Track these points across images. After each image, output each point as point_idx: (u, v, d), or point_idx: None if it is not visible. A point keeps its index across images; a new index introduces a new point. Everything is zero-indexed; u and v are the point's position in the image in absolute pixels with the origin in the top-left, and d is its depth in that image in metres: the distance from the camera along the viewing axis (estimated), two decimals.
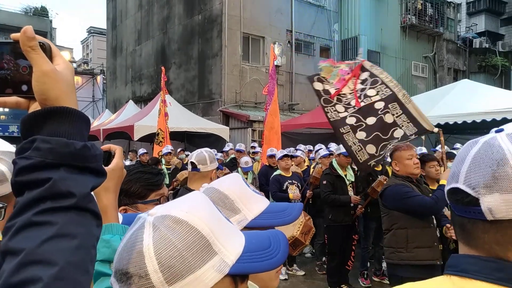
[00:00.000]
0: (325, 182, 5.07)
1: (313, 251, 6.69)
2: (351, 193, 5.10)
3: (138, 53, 20.63)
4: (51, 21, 29.33)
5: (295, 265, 5.99)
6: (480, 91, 9.45)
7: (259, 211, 1.00)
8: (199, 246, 0.62)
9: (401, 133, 3.50)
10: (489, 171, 0.68)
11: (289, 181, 5.42)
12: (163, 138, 8.77)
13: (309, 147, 8.74)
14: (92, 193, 0.62)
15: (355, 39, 18.18)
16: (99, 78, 26.80)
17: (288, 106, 16.11)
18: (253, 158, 8.33)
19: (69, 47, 37.71)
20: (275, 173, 5.52)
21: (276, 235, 0.74)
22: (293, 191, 5.36)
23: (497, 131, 0.72)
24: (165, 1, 18.02)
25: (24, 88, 0.64)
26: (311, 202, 5.94)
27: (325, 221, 5.25)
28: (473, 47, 23.90)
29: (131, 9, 21.26)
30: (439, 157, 5.59)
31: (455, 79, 20.45)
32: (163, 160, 7.78)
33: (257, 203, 1.02)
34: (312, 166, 6.97)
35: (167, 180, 6.67)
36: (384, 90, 3.61)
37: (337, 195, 4.98)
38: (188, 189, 2.59)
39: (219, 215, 0.71)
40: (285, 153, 5.55)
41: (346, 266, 5.18)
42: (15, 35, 0.64)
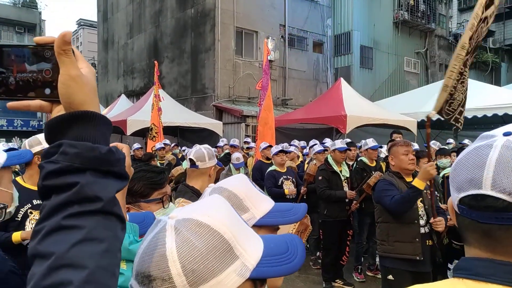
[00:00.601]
0: (320, 177, 5.11)
1: (308, 246, 6.74)
2: (346, 188, 5.14)
3: (130, 47, 20.42)
4: (40, 13, 28.84)
5: None
6: (471, 87, 9.51)
7: (266, 210, 1.02)
8: (221, 250, 0.63)
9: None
10: None
11: (284, 177, 5.44)
12: (156, 133, 8.71)
13: (303, 143, 8.78)
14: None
15: (348, 34, 18.22)
16: None
17: (281, 101, 16.12)
18: (247, 153, 8.33)
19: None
20: (270, 169, 5.54)
21: (292, 239, 0.74)
22: (288, 187, 5.39)
23: (505, 134, 0.72)
24: None
25: (47, 91, 0.64)
26: (305, 198, 5.97)
27: (320, 216, 5.28)
28: None
29: (122, 1, 21.00)
30: (432, 152, 5.68)
31: None
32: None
33: (264, 202, 1.04)
34: (306, 162, 7.01)
35: None
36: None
37: (333, 190, 5.03)
38: (187, 186, 2.59)
39: (239, 219, 0.72)
40: (280, 148, 5.57)
41: (340, 261, 5.24)
42: (38, 39, 0.64)
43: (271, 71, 12.42)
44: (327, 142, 6.99)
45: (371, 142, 5.69)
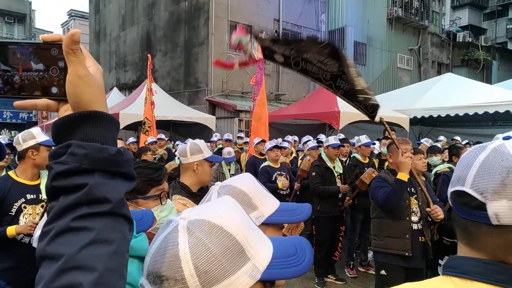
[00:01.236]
0: (314, 173, 5.13)
1: None
2: (339, 184, 5.16)
3: (122, 39, 20.19)
4: (30, 3, 28.41)
5: None
6: (463, 85, 9.63)
7: (273, 208, 1.02)
8: (233, 251, 0.63)
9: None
10: (498, 178, 0.70)
11: (278, 172, 5.45)
12: (149, 127, 8.67)
13: (295, 138, 8.79)
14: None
15: (342, 30, 18.24)
16: None
17: (274, 96, 16.10)
18: (241, 148, 8.32)
19: (49, 31, 36.61)
20: (264, 164, 5.54)
21: (300, 242, 0.75)
22: (282, 182, 5.41)
23: (505, 138, 0.74)
24: None
25: (53, 90, 0.63)
26: (298, 193, 6.00)
27: (313, 212, 5.28)
28: (457, 40, 24.29)
29: None
30: (424, 149, 5.73)
31: (439, 72, 20.80)
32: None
33: (270, 201, 1.04)
34: (300, 157, 7.02)
35: None
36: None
37: (326, 186, 5.05)
38: (177, 182, 2.57)
39: (250, 221, 0.72)
40: (275, 144, 5.57)
41: (333, 256, 5.28)
42: (46, 37, 0.63)
43: (265, 65, 12.39)
44: (321, 137, 7.00)
45: (364, 138, 5.72)
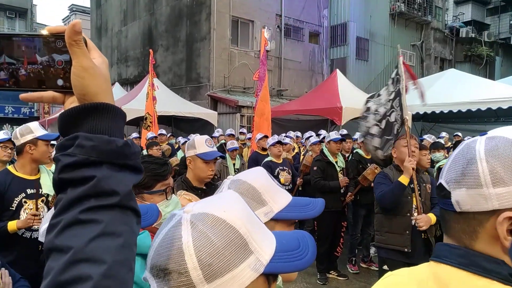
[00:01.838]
0: (315, 168, 5.13)
1: None
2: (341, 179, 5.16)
3: (124, 34, 20.15)
4: None
5: None
6: (466, 81, 9.57)
7: (284, 204, 1.01)
8: (237, 245, 0.63)
9: (397, 127, 3.62)
10: (460, 168, 0.76)
11: (280, 168, 5.45)
12: (151, 122, 8.66)
13: (297, 133, 8.78)
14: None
15: (345, 25, 18.16)
16: None
17: (276, 91, 16.08)
18: (244, 143, 8.32)
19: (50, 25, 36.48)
20: (266, 159, 5.54)
21: (303, 236, 0.75)
22: (284, 177, 5.42)
23: (481, 134, 0.79)
24: None
25: (59, 82, 0.63)
26: (301, 188, 6.00)
27: None
28: (460, 36, 24.16)
29: None
30: (427, 145, 5.72)
31: (442, 68, 20.72)
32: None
33: (282, 196, 1.03)
34: (302, 153, 7.02)
35: None
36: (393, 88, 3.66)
37: (327, 181, 5.05)
38: (182, 177, 2.60)
39: (253, 214, 0.72)
40: (277, 139, 5.56)
41: (335, 252, 5.28)
42: (50, 28, 0.62)
43: (267, 61, 12.35)
44: (323, 133, 7.00)
45: None
